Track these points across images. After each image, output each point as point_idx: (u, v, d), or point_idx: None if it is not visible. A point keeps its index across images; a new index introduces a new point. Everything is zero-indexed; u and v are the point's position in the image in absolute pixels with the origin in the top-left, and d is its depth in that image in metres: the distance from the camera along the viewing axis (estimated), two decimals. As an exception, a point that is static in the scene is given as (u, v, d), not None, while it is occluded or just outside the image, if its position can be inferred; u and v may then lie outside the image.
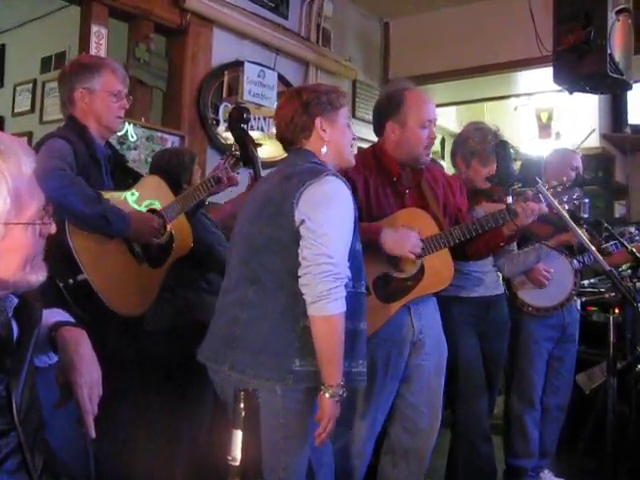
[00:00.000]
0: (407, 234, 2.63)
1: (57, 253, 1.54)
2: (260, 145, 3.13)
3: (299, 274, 2.09)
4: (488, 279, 3.39)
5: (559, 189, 2.72)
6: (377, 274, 2.68)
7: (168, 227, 2.81)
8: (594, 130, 6.62)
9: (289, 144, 2.38)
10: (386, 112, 2.84)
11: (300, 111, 2.30)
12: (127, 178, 2.83)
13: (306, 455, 2.22)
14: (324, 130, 2.30)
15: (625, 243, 3.48)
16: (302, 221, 2.11)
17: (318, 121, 2.30)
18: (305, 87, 2.48)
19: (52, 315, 1.67)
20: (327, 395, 2.08)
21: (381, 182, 2.80)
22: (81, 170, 2.52)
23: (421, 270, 2.69)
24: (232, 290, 2.27)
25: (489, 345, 3.37)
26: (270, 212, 2.20)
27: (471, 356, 3.25)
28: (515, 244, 3.51)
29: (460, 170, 3.49)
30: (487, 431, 3.30)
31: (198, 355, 2.29)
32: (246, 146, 3.07)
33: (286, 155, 2.44)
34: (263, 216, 2.23)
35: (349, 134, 2.38)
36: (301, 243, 2.10)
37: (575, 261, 3.64)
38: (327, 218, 2.11)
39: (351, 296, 2.16)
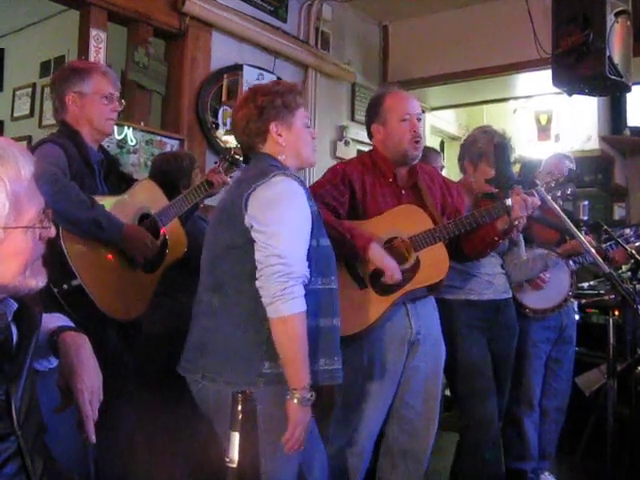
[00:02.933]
0: (391, 261, 2.62)
1: (50, 258, 1.53)
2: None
3: (256, 277, 2.09)
4: (497, 282, 3.37)
5: (552, 184, 2.73)
6: (373, 268, 2.69)
7: (162, 232, 2.80)
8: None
9: (248, 148, 2.36)
10: (370, 116, 2.94)
11: (255, 116, 2.26)
12: (121, 183, 2.83)
13: (293, 460, 2.17)
14: (280, 135, 2.27)
15: (624, 245, 3.48)
16: (251, 225, 2.10)
17: (273, 126, 2.26)
18: (261, 88, 2.37)
19: (53, 320, 1.67)
20: (292, 400, 2.05)
21: (378, 183, 2.83)
22: (74, 175, 2.51)
23: (417, 263, 2.70)
24: (201, 299, 2.28)
25: (498, 349, 3.34)
26: (224, 219, 2.21)
27: (480, 360, 3.23)
28: (523, 249, 3.52)
29: (468, 175, 3.47)
30: (497, 437, 3.26)
31: (177, 367, 2.28)
32: None
33: None
34: (220, 223, 2.24)
35: (307, 135, 2.34)
36: (255, 246, 2.10)
37: (571, 262, 3.64)
38: (275, 218, 2.10)
39: (320, 293, 2.17)
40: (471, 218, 2.71)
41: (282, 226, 2.10)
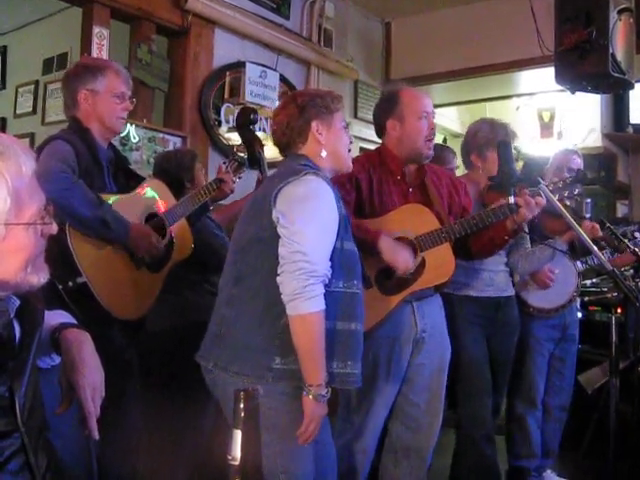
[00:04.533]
0: (405, 251, 2.63)
1: (57, 255, 1.53)
2: (265, 146, 3.13)
3: (278, 272, 2.10)
4: (499, 279, 3.36)
5: (560, 185, 2.72)
6: (379, 267, 2.69)
7: (168, 231, 2.81)
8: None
9: (286, 149, 2.38)
10: (385, 112, 2.90)
11: (296, 115, 2.30)
12: (130, 181, 2.83)
13: (308, 457, 2.18)
14: (320, 134, 2.30)
15: (627, 243, 3.48)
16: (278, 219, 2.12)
17: (314, 124, 2.29)
18: (301, 92, 2.49)
19: (55, 317, 1.67)
20: (308, 396, 2.07)
21: (385, 180, 2.82)
22: (83, 172, 2.51)
23: (422, 264, 2.69)
24: (222, 289, 2.31)
25: (497, 346, 3.34)
26: (254, 212, 2.24)
27: (477, 356, 3.23)
28: (528, 241, 3.50)
29: (476, 169, 3.41)
30: (491, 432, 3.28)
31: (196, 356, 2.30)
32: (253, 147, 3.07)
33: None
34: (249, 216, 2.27)
35: (346, 137, 2.38)
36: (279, 241, 2.12)
37: (579, 263, 3.63)
38: (302, 216, 2.11)
39: (341, 296, 2.17)
40: (477, 219, 2.70)
41: (309, 224, 2.11)
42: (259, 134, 4.61)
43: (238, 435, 1.11)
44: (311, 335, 2.07)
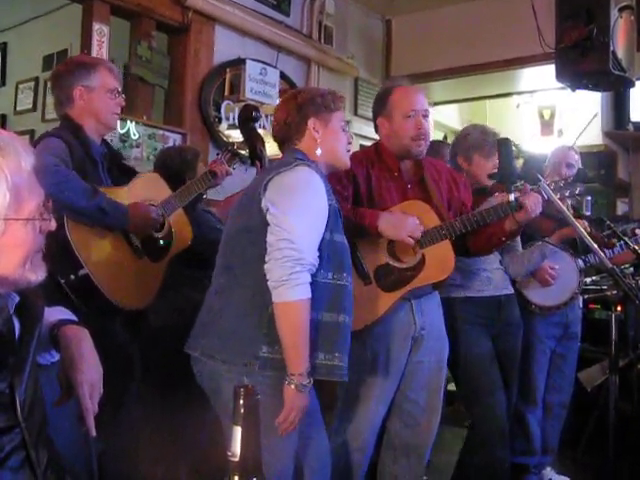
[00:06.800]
0: (405, 218, 2.63)
1: (57, 249, 1.53)
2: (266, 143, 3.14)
3: (265, 260, 2.11)
4: (497, 278, 3.34)
5: (561, 184, 2.72)
6: (378, 264, 2.69)
7: (167, 222, 2.81)
8: (596, 115, 6.55)
9: (283, 144, 2.41)
10: (376, 109, 2.91)
11: (294, 112, 2.33)
12: (124, 176, 2.84)
13: (288, 452, 2.18)
14: (317, 131, 2.32)
15: (627, 240, 3.47)
16: (267, 208, 2.14)
17: (311, 122, 2.32)
18: (302, 89, 2.52)
19: (54, 313, 1.67)
20: (290, 385, 2.07)
21: (383, 177, 2.82)
22: (77, 168, 2.52)
23: (422, 261, 2.69)
24: (213, 280, 2.33)
25: (502, 346, 3.30)
26: (244, 203, 2.26)
27: (483, 354, 3.20)
28: (519, 243, 3.50)
29: (463, 170, 3.44)
30: (504, 432, 3.22)
31: (185, 347, 2.30)
32: (254, 144, 3.07)
33: None
34: (239, 208, 2.29)
35: (343, 137, 2.39)
36: (268, 229, 2.13)
37: (580, 260, 3.63)
38: (291, 204, 2.14)
39: (330, 287, 2.18)
40: (478, 216, 2.70)
41: (297, 213, 2.13)
42: (260, 131, 4.62)
43: (238, 432, 1.11)
44: (295, 323, 2.07)
